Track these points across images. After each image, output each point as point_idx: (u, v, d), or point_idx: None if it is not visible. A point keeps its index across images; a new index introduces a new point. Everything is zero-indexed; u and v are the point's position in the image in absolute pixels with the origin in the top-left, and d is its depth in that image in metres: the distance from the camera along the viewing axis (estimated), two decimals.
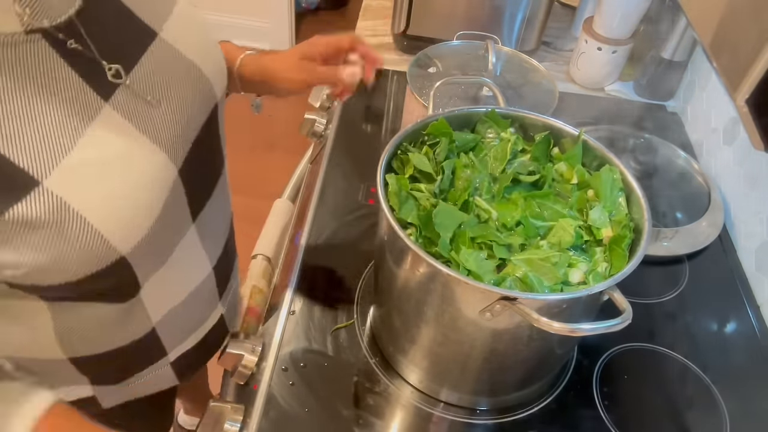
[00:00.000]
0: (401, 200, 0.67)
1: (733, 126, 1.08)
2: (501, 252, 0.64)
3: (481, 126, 0.79)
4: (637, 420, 0.78)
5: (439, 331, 0.67)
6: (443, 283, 0.61)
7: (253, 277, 1.01)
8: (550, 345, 0.69)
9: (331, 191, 1.01)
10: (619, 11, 1.19)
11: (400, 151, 0.73)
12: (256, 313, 0.95)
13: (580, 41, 1.27)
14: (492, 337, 0.64)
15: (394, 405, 0.76)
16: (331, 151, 1.08)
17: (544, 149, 0.76)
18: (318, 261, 0.91)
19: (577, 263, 0.64)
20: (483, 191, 0.72)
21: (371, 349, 0.81)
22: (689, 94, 1.25)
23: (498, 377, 0.72)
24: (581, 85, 1.31)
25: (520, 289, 0.61)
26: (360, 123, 1.16)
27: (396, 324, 0.74)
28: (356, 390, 0.76)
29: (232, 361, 0.80)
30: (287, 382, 0.76)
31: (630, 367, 0.83)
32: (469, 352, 0.68)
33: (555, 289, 0.61)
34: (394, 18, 1.27)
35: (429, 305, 0.65)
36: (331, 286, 0.88)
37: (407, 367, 0.76)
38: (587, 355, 0.83)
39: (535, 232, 0.68)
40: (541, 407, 0.77)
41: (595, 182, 0.70)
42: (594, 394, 0.79)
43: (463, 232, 0.65)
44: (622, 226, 0.65)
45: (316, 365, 0.78)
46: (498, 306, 0.58)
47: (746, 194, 1.02)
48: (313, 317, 0.83)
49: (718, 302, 0.93)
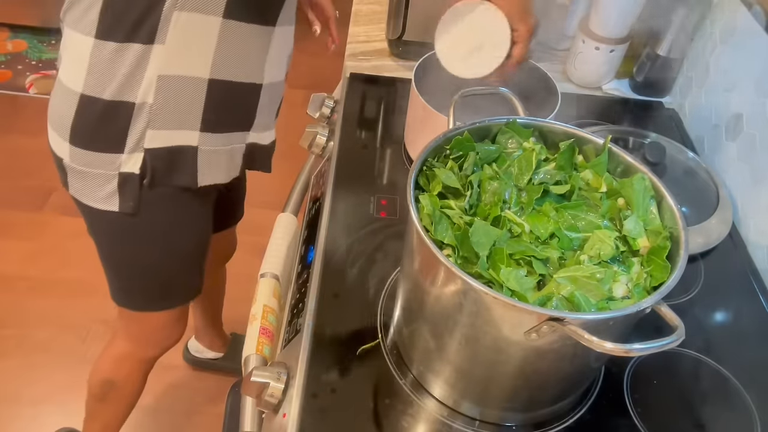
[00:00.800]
0: (435, 220, 0.65)
1: (736, 121, 1.09)
2: (540, 267, 0.63)
3: (502, 136, 0.77)
4: (672, 425, 0.78)
5: (479, 351, 0.66)
6: (487, 306, 0.60)
7: (263, 296, 0.98)
8: (589, 359, 0.68)
9: (342, 206, 0.98)
10: (615, 10, 1.19)
11: (425, 167, 0.72)
12: (270, 334, 0.92)
13: (576, 41, 1.26)
14: (536, 356, 0.63)
15: (430, 427, 0.74)
16: (337, 165, 1.05)
17: (569, 158, 0.74)
18: (336, 279, 0.88)
19: (618, 276, 0.63)
20: (512, 203, 0.70)
21: (400, 369, 0.79)
22: (686, 90, 1.26)
23: (537, 394, 0.71)
24: (578, 84, 1.31)
25: (566, 309, 0.59)
26: (362, 133, 1.14)
27: (429, 345, 0.72)
28: (390, 413, 0.74)
29: (257, 390, 0.77)
30: (318, 409, 0.74)
31: (658, 372, 0.82)
32: (509, 371, 0.66)
33: (601, 306, 0.60)
34: (389, 23, 1.25)
35: (469, 326, 0.64)
36: (351, 304, 0.86)
37: (441, 387, 0.75)
38: (615, 363, 0.82)
39: (570, 244, 0.67)
40: (576, 419, 0.76)
41: (626, 190, 0.69)
42: (626, 402, 0.79)
43: (500, 249, 0.63)
44: (661, 237, 0.65)
45: (346, 390, 0.76)
46: (545, 327, 0.57)
47: (753, 189, 1.03)
48: (338, 339, 0.81)
49: (737, 300, 0.93)
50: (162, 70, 0.81)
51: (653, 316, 0.59)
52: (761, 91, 1.03)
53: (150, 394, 1.71)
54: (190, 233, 1.03)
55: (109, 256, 1.04)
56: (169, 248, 1.02)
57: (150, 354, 1.23)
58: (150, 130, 0.84)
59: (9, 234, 2.08)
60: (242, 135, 0.95)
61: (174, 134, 0.86)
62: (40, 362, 1.78)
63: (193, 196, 0.95)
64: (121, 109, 0.83)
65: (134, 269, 1.05)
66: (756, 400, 0.81)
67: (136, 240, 0.99)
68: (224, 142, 0.92)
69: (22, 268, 1.99)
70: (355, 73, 1.26)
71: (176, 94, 0.83)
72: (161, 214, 0.95)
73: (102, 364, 1.26)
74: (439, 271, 0.62)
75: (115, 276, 1.07)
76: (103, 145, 0.86)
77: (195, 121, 0.87)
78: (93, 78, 0.81)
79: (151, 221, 0.95)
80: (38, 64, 2.76)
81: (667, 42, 1.22)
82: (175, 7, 0.76)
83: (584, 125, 1.18)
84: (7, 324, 1.85)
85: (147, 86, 0.81)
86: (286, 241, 1.08)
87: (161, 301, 1.10)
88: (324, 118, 1.20)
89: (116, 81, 0.81)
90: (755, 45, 1.07)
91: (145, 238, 0.98)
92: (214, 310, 1.67)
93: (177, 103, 0.84)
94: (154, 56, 0.80)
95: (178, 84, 0.82)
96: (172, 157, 0.88)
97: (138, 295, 1.09)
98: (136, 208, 0.90)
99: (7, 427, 1.65)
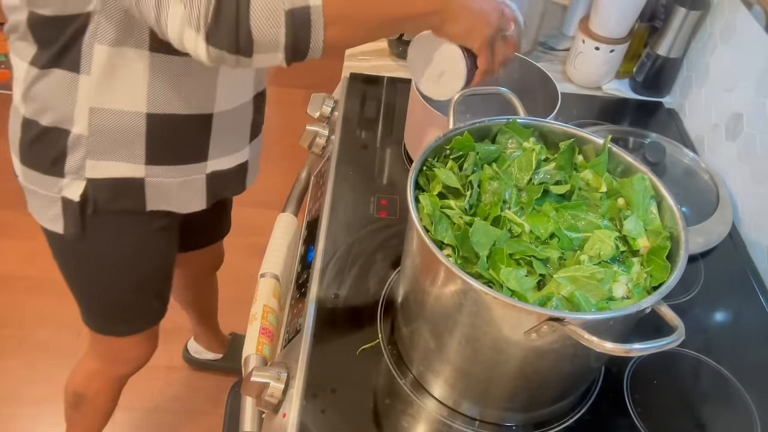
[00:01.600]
0: (435, 220, 0.65)
1: (736, 121, 1.09)
2: (540, 267, 0.63)
3: (502, 136, 0.77)
4: (672, 425, 0.78)
5: (479, 351, 0.66)
6: (487, 306, 0.59)
7: (263, 296, 0.98)
8: (589, 359, 0.68)
9: (342, 206, 0.98)
10: (615, 10, 1.19)
11: (426, 167, 0.71)
12: (270, 334, 0.92)
13: (576, 41, 1.26)
14: (536, 356, 0.63)
15: (430, 427, 0.74)
16: (337, 164, 1.05)
17: (569, 158, 0.74)
18: (336, 279, 0.88)
19: (618, 276, 0.63)
20: (512, 203, 0.70)
21: (400, 369, 0.79)
22: (686, 90, 1.26)
23: (537, 394, 0.71)
24: (579, 84, 1.31)
25: (566, 309, 0.59)
26: (362, 133, 1.14)
27: (429, 344, 0.72)
28: (390, 413, 0.74)
29: (257, 390, 0.77)
30: (318, 409, 0.74)
31: (658, 372, 0.82)
32: (509, 371, 0.66)
33: (601, 306, 0.60)
34: None
35: (469, 326, 0.64)
36: (352, 304, 0.86)
37: (441, 387, 0.75)
38: (615, 363, 0.82)
39: (570, 244, 0.67)
40: (576, 419, 0.76)
41: (626, 190, 0.70)
42: (626, 402, 0.79)
43: (500, 249, 0.63)
44: (661, 237, 0.65)
45: (346, 390, 0.76)
46: (545, 327, 0.57)
47: (753, 189, 1.03)
48: (338, 339, 0.81)
49: (737, 300, 0.93)
50: (93, 102, 0.79)
51: (653, 316, 0.59)
52: (761, 91, 1.03)
53: (150, 394, 1.71)
54: (144, 260, 1.00)
55: (68, 278, 1.03)
56: (121, 274, 1.00)
57: (119, 372, 1.22)
58: (90, 160, 0.83)
59: (8, 234, 2.08)
60: (199, 166, 0.91)
61: (116, 166, 0.84)
62: (39, 362, 1.78)
63: (145, 222, 0.93)
64: (57, 135, 0.82)
65: (91, 293, 1.04)
66: (756, 400, 0.81)
67: (86, 264, 0.98)
68: (177, 173, 0.89)
69: (22, 268, 1.99)
70: (355, 73, 1.26)
71: (112, 127, 0.81)
72: (109, 240, 0.93)
73: (75, 376, 1.26)
74: (439, 271, 0.62)
75: (77, 298, 1.06)
76: (45, 168, 0.85)
77: (138, 154, 0.84)
78: (30, 102, 0.81)
79: (98, 247, 0.94)
80: None
81: (667, 42, 1.22)
82: (95, 39, 0.74)
83: (584, 125, 1.18)
84: (7, 324, 1.85)
85: (80, 117, 0.80)
86: (286, 241, 1.08)
87: (123, 325, 1.09)
88: (324, 118, 1.20)
89: (50, 107, 0.80)
90: (755, 45, 1.07)
91: (95, 263, 0.97)
92: (208, 314, 1.65)
93: (115, 137, 0.82)
94: (81, 86, 0.78)
95: (112, 118, 0.80)
96: (116, 187, 0.86)
97: (100, 318, 1.08)
98: (79, 234, 0.89)
99: (7, 427, 1.65)
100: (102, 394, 1.25)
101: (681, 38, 1.21)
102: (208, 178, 0.93)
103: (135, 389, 1.72)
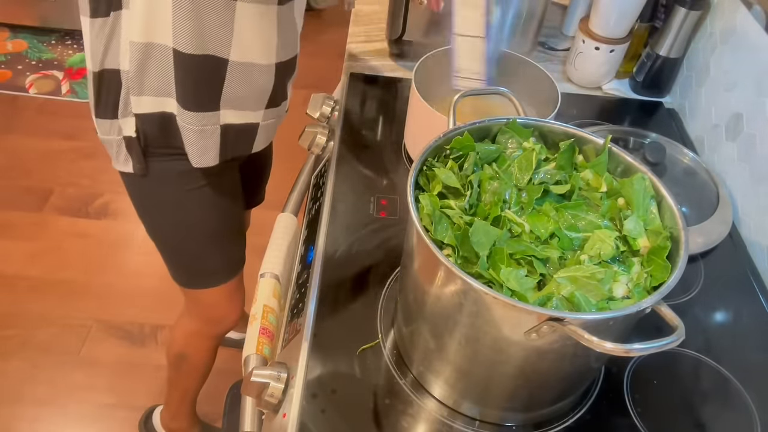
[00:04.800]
0: (435, 220, 0.65)
1: (736, 121, 1.09)
2: (540, 267, 0.63)
3: (502, 136, 0.77)
4: (672, 425, 0.78)
5: (479, 351, 0.66)
6: (487, 306, 0.60)
7: (263, 296, 0.98)
8: (589, 359, 0.68)
9: (342, 206, 0.98)
10: (615, 10, 1.19)
11: (426, 167, 0.72)
12: (270, 334, 0.92)
13: (576, 41, 1.26)
14: (536, 356, 0.63)
15: (430, 427, 0.74)
16: (337, 164, 1.05)
17: (569, 157, 0.74)
18: (336, 279, 0.88)
19: (619, 276, 0.63)
20: (512, 203, 0.70)
21: (400, 369, 0.79)
22: (686, 90, 1.26)
23: (537, 393, 0.71)
24: (579, 84, 1.31)
25: (566, 309, 0.59)
26: (362, 133, 1.14)
27: (429, 344, 0.72)
28: (390, 413, 0.74)
29: (257, 390, 0.77)
30: (318, 409, 0.74)
31: (658, 372, 0.82)
32: (509, 371, 0.66)
33: (601, 306, 0.60)
34: (389, 23, 1.25)
35: (469, 326, 0.64)
36: (352, 304, 0.86)
37: (441, 387, 0.75)
38: (615, 363, 0.83)
39: (571, 244, 0.67)
40: (576, 419, 0.77)
41: (626, 190, 0.69)
42: (626, 402, 0.79)
43: (500, 248, 0.63)
44: (661, 237, 0.65)
45: (346, 390, 0.76)
46: (545, 327, 0.57)
47: (753, 189, 1.03)
48: (338, 339, 0.81)
49: (737, 300, 0.93)
50: (132, 36, 0.84)
51: (653, 316, 0.59)
52: (761, 91, 1.03)
53: (150, 394, 1.72)
54: (206, 210, 1.05)
55: (148, 230, 1.10)
56: (186, 224, 1.06)
57: (213, 332, 1.30)
58: (133, 96, 0.89)
59: (9, 234, 2.08)
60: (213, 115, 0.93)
61: (155, 101, 0.90)
62: (41, 362, 1.78)
63: (200, 172, 0.98)
64: (110, 76, 0.89)
65: (167, 245, 1.11)
66: (756, 400, 0.81)
67: (155, 209, 1.05)
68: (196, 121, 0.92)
69: (23, 268, 1.99)
70: (355, 73, 1.26)
71: (145, 60, 0.86)
72: (168, 190, 1.00)
73: (175, 338, 1.35)
74: (439, 271, 0.62)
75: (161, 253, 1.13)
76: (107, 112, 0.93)
77: (170, 88, 0.89)
78: (94, 54, 0.88)
79: (161, 191, 1.01)
80: (38, 64, 2.76)
81: (667, 42, 1.22)
82: None
83: (584, 125, 1.18)
84: (9, 324, 1.85)
85: (123, 53, 0.86)
86: (286, 241, 1.08)
87: (201, 278, 1.15)
88: (324, 118, 1.20)
89: (105, 52, 0.87)
90: (755, 45, 1.07)
91: (161, 208, 1.04)
92: None
93: (149, 70, 0.87)
94: (123, 22, 0.84)
95: (146, 51, 0.85)
96: (161, 122, 0.91)
97: (182, 272, 1.15)
98: (144, 169, 0.96)
99: (9, 427, 1.65)
100: (201, 353, 1.35)
101: (681, 38, 1.21)
102: (222, 130, 0.95)
103: (135, 389, 1.73)
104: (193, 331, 1.31)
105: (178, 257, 1.13)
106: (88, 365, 1.79)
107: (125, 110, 0.91)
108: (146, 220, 1.08)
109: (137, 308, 1.91)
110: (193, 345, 1.34)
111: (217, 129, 0.94)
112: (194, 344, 1.34)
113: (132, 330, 1.88)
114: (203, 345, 1.34)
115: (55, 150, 2.38)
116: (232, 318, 1.25)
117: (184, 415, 1.55)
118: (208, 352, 1.36)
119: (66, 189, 2.23)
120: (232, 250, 1.15)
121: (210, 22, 0.84)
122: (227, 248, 1.14)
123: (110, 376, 1.77)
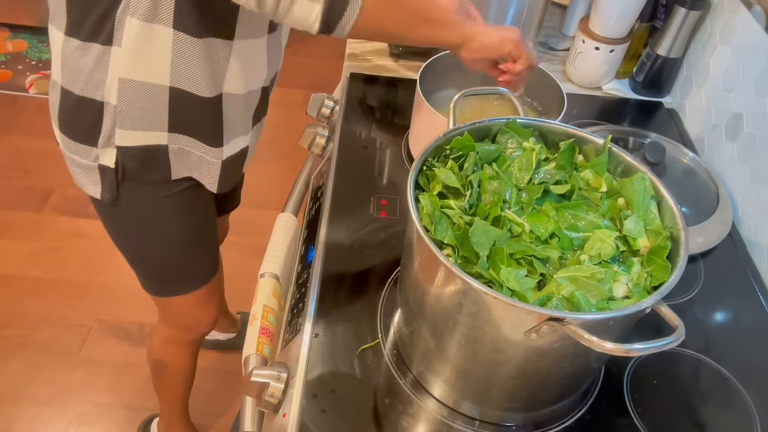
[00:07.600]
0: (435, 220, 0.65)
1: (736, 121, 1.09)
2: (540, 267, 0.63)
3: (502, 136, 0.77)
4: (672, 425, 0.78)
5: (479, 351, 0.66)
6: (487, 306, 0.60)
7: (263, 297, 0.98)
8: (589, 359, 0.68)
9: (342, 206, 0.98)
10: (615, 10, 1.19)
11: (426, 167, 0.72)
12: (270, 334, 0.92)
13: (576, 41, 1.26)
14: (536, 356, 0.63)
15: (430, 427, 0.74)
16: (337, 164, 1.05)
17: (569, 157, 0.74)
18: (336, 279, 0.88)
19: (619, 276, 0.63)
20: (512, 203, 0.70)
21: (400, 369, 0.79)
22: (686, 90, 1.26)
23: (537, 393, 0.71)
24: (579, 84, 1.31)
25: (566, 308, 0.59)
26: (362, 133, 1.14)
27: (429, 344, 0.72)
28: (390, 413, 0.74)
29: (257, 390, 0.77)
30: (318, 409, 0.74)
31: (658, 372, 0.82)
32: (509, 371, 0.66)
33: (601, 306, 0.60)
34: None
35: (469, 326, 0.64)
36: (352, 304, 0.86)
37: (441, 387, 0.75)
38: (615, 363, 0.83)
39: (571, 243, 0.67)
40: (576, 419, 0.77)
41: (626, 190, 0.70)
42: (626, 402, 0.79)
43: (500, 248, 0.63)
44: (661, 237, 0.65)
45: (346, 390, 0.76)
46: (545, 327, 0.57)
47: (753, 189, 1.03)
48: (338, 339, 0.81)
49: (737, 300, 0.93)
50: (122, 73, 0.82)
51: (653, 316, 0.59)
52: (761, 91, 1.03)
53: (150, 394, 1.71)
54: (182, 219, 1.04)
55: (117, 244, 1.08)
56: (162, 235, 1.04)
57: (188, 338, 1.29)
58: (119, 129, 0.87)
59: (9, 234, 2.08)
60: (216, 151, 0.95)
61: (143, 135, 0.88)
62: (41, 362, 1.78)
63: (173, 186, 0.97)
64: (90, 105, 0.86)
65: (137, 256, 1.09)
66: (756, 400, 0.81)
67: (127, 228, 1.03)
68: (196, 148, 0.93)
69: (23, 268, 1.99)
70: (355, 73, 1.26)
71: (139, 98, 0.84)
72: (144, 203, 0.98)
73: (152, 346, 1.35)
74: (439, 271, 0.62)
75: (130, 264, 1.12)
76: (81, 136, 0.90)
77: (162, 123, 0.88)
78: (65, 72, 0.85)
79: (134, 210, 0.99)
80: (38, 64, 2.76)
81: (667, 42, 1.22)
82: (127, 12, 0.77)
83: (584, 125, 1.18)
84: (9, 324, 1.85)
85: (109, 87, 0.84)
86: (286, 241, 1.08)
87: (174, 286, 1.13)
88: (324, 118, 1.20)
89: (83, 78, 0.84)
90: (755, 45, 1.07)
91: (135, 226, 1.02)
92: None
93: (141, 107, 0.85)
94: (113, 58, 0.81)
95: (139, 89, 0.84)
96: (144, 155, 0.90)
97: (153, 281, 1.14)
98: (114, 199, 0.94)
99: (9, 427, 1.65)
100: (178, 358, 1.34)
101: (681, 38, 1.21)
102: (224, 164, 0.96)
103: (135, 389, 1.73)
104: (169, 338, 1.30)
105: (151, 268, 1.11)
106: (88, 365, 1.79)
107: (107, 141, 0.88)
108: (119, 238, 1.07)
109: (137, 308, 1.91)
110: (170, 352, 1.33)
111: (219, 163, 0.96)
112: (170, 351, 1.33)
113: (132, 330, 1.87)
114: (179, 351, 1.33)
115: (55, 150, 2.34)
116: (206, 323, 1.24)
117: (177, 426, 1.53)
118: (186, 358, 1.35)
119: (66, 189, 2.23)
120: (205, 256, 1.14)
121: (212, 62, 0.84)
122: (201, 254, 1.13)
123: (110, 376, 1.76)
